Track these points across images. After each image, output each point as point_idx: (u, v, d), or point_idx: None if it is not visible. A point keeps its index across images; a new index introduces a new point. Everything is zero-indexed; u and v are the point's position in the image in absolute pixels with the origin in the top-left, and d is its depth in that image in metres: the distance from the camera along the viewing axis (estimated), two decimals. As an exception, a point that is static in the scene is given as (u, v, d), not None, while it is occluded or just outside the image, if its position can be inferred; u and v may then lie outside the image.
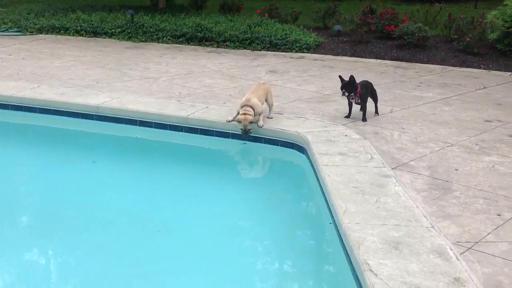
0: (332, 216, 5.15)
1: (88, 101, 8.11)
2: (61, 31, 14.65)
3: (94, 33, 14.52)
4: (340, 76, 7.69)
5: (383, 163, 6.12)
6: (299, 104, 8.47)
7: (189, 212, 6.04)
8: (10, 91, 8.46)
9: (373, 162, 6.14)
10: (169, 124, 7.71)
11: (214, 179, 6.87)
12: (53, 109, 8.17)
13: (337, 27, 13.60)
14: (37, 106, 8.23)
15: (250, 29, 13.97)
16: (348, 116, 7.83)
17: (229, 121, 7.38)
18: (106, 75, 9.94)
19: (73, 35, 14.43)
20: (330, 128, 7.29)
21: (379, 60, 12.73)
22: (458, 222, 4.88)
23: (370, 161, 6.17)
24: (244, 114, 7.09)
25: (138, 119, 7.84)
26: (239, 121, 7.12)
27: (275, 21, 15.14)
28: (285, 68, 11.39)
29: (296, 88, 9.56)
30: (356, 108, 7.81)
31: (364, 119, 7.72)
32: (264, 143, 7.35)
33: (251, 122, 7.11)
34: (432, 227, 4.72)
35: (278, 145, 7.28)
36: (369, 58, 13.00)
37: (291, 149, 7.15)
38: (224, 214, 5.94)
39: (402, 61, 12.73)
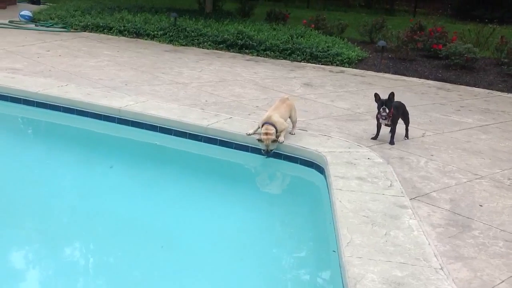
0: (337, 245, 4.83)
1: (111, 104, 7.99)
2: (105, 30, 14.70)
3: (137, 34, 14.51)
4: (376, 94, 7.31)
5: (402, 192, 5.75)
6: (326, 121, 8.14)
7: (194, 226, 5.83)
8: (37, 88, 8.42)
9: (391, 190, 5.77)
10: (189, 133, 7.51)
11: (227, 194, 6.62)
12: (76, 109, 8.08)
13: (381, 43, 13.19)
14: (62, 105, 8.15)
15: (291, 39, 13.70)
16: (375, 138, 7.46)
17: (249, 134, 7.13)
18: (137, 77, 9.83)
19: (116, 35, 14.46)
20: (353, 149, 6.94)
21: (422, 80, 12.26)
22: (471, 265, 4.48)
23: (388, 189, 5.81)
24: (266, 133, 6.82)
25: (159, 125, 7.66)
26: (261, 141, 6.85)
27: (319, 33, 14.83)
28: (321, 81, 11.07)
29: (328, 104, 9.22)
30: (385, 130, 7.43)
31: (391, 142, 7.34)
32: (283, 159, 7.06)
33: (273, 141, 6.83)
34: (441, 268, 4.34)
35: (297, 163, 6.98)
36: (412, 76, 12.54)
37: (311, 168, 6.83)
38: (230, 232, 5.71)
39: (446, 82, 12.23)
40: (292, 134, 7.32)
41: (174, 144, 7.65)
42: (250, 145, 7.18)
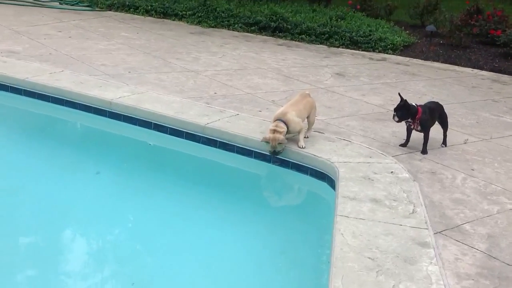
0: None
1: (103, 95, 7.00)
2: (131, 10, 13.74)
3: (164, 14, 13.49)
4: (399, 94, 6.07)
5: (425, 223, 4.53)
6: (350, 121, 6.92)
7: (181, 240, 4.99)
8: (25, 74, 7.51)
9: (413, 219, 4.56)
10: (186, 132, 6.45)
11: (222, 206, 5.59)
12: (66, 100, 7.14)
13: (430, 27, 11.76)
14: (50, 95, 7.22)
15: (330, 21, 12.40)
16: (404, 145, 6.21)
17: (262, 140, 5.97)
18: (145, 63, 8.81)
19: (142, 15, 13.48)
20: (375, 159, 5.73)
21: (475, 70, 10.79)
22: None
23: (408, 217, 4.60)
24: (274, 131, 5.69)
25: (153, 121, 6.63)
26: (267, 141, 5.73)
27: (364, 15, 13.44)
28: (356, 71, 9.78)
29: (357, 99, 7.98)
30: (418, 135, 6.16)
31: (424, 151, 6.07)
32: (291, 168, 5.92)
33: (279, 143, 5.70)
34: None
35: (307, 174, 5.82)
36: (464, 66, 11.08)
37: (322, 182, 5.68)
38: (219, 249, 4.83)
39: (503, 73, 10.72)
40: (306, 137, 6.16)
41: (170, 145, 6.63)
42: (253, 149, 6.08)
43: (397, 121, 6.02)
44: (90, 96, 6.97)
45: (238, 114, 6.72)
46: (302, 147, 5.85)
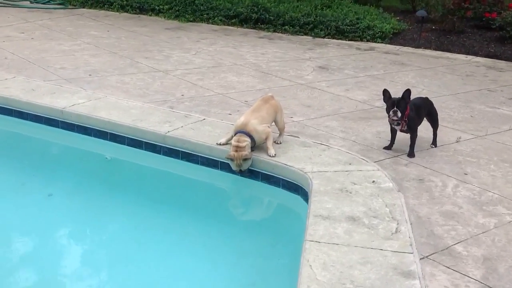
0: None
1: (54, 103, 6.31)
2: (105, 6, 13.02)
3: (140, 9, 12.77)
4: (385, 91, 5.36)
5: (410, 245, 3.85)
6: (331, 121, 6.23)
7: (133, 266, 4.35)
8: (-28, 83, 6.82)
9: (395, 241, 3.88)
10: (145, 142, 5.77)
11: (184, 227, 4.91)
12: (13, 110, 6.44)
13: (421, 12, 10.99)
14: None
15: (315, 10, 11.67)
16: (389, 147, 5.52)
17: (220, 144, 5.33)
18: (110, 64, 8.11)
19: (117, 11, 12.77)
20: (354, 166, 5.04)
21: (469, 57, 10.08)
22: None
23: (391, 238, 3.91)
24: (236, 148, 5.01)
25: (109, 131, 5.94)
26: (231, 159, 5.05)
27: (351, 2, 12.70)
28: (341, 63, 9.08)
29: (340, 95, 7.28)
30: (405, 136, 5.47)
31: (411, 154, 5.38)
32: (261, 180, 5.23)
33: (246, 159, 5.02)
34: None
35: (279, 186, 5.13)
36: (458, 53, 10.38)
37: (295, 195, 5.00)
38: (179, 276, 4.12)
39: (499, 59, 10.02)
40: (278, 143, 5.47)
41: (128, 157, 5.94)
42: (219, 160, 5.39)
43: (396, 120, 5.25)
44: (39, 105, 6.28)
45: (204, 119, 6.03)
46: (272, 156, 5.18)
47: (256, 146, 5.22)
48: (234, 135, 5.20)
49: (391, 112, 5.18)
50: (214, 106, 6.54)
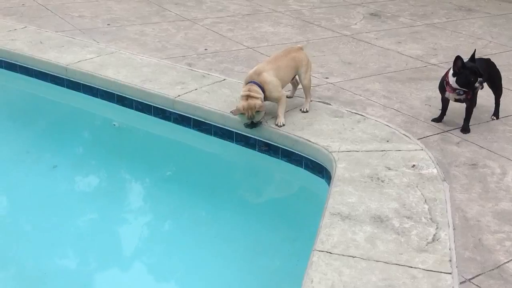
0: None
1: (60, 58, 5.62)
2: None
3: None
4: (458, 58, 4.26)
5: (449, 261, 2.97)
6: (372, 83, 5.29)
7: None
8: (-23, 34, 6.21)
9: (431, 255, 3.01)
10: (154, 107, 5.01)
11: (184, 208, 4.21)
12: (18, 65, 5.80)
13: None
14: (3, 59, 5.90)
15: None
16: (439, 119, 4.56)
17: (234, 114, 4.50)
18: (134, 12, 7.33)
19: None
20: (392, 144, 4.14)
21: (550, 1, 8.71)
22: None
23: (425, 250, 3.05)
24: (247, 97, 4.18)
25: (116, 93, 5.22)
26: (241, 113, 4.23)
27: None
28: (397, 9, 7.97)
29: (390, 49, 6.27)
30: (460, 106, 4.49)
31: (465, 128, 4.41)
32: (281, 157, 4.40)
33: (257, 112, 4.19)
34: None
35: (301, 166, 4.30)
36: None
37: (320, 178, 4.15)
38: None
39: None
40: (303, 111, 4.60)
41: (136, 123, 5.22)
42: (234, 130, 4.59)
43: (481, 86, 4.29)
44: (43, 60, 5.61)
45: (223, 80, 5.21)
46: (280, 126, 4.33)
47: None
48: (245, 85, 4.37)
49: (477, 83, 4.17)
50: (239, 63, 5.69)
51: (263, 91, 4.28)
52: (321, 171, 4.14)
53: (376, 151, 4.07)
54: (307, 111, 4.61)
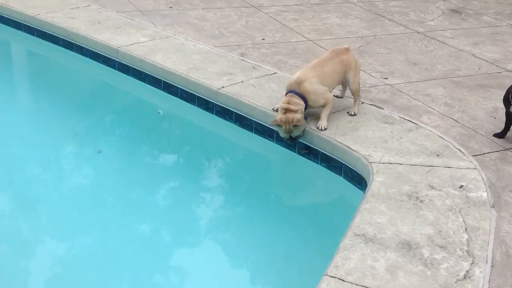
0: None
1: (113, 40, 5.52)
2: None
3: None
4: None
5: (479, 306, 2.58)
6: (435, 87, 4.85)
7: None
8: (41, 10, 6.21)
9: (458, 296, 2.64)
10: (198, 97, 4.81)
11: (212, 207, 4.02)
12: (75, 44, 5.76)
13: None
14: (60, 37, 5.87)
15: None
16: (501, 135, 4.09)
17: (276, 110, 4.23)
18: (202, -6, 7.13)
19: None
20: (443, 159, 3.73)
21: None
22: None
23: (452, 289, 2.67)
24: (285, 110, 3.89)
25: (163, 79, 5.06)
26: (278, 124, 3.95)
27: None
28: (482, 6, 7.38)
29: (464, 51, 5.77)
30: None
31: (530, 147, 3.92)
32: (321, 162, 4.09)
33: (296, 126, 3.90)
34: None
35: (340, 174, 3.97)
36: None
37: (359, 189, 3.81)
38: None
39: None
40: (351, 114, 4.26)
41: (181, 111, 5.05)
42: (274, 128, 4.30)
43: None
44: (96, 41, 5.52)
45: (274, 74, 4.93)
46: (322, 129, 4.01)
47: (307, 112, 4.06)
48: (285, 94, 4.07)
49: None
50: (296, 56, 5.38)
51: (305, 101, 3.97)
52: (360, 182, 3.80)
53: (422, 165, 3.67)
54: (355, 115, 4.26)
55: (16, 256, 3.46)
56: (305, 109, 4.00)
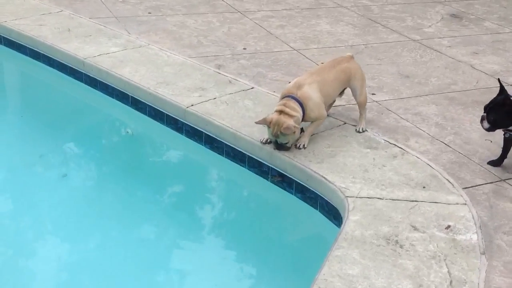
0: None
1: (81, 50, 5.11)
2: None
3: None
4: (498, 81, 3.48)
5: None
6: (427, 105, 4.42)
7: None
8: (9, 16, 5.81)
9: None
10: (166, 115, 4.40)
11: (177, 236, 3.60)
12: (42, 54, 5.36)
13: None
14: (27, 46, 5.47)
15: None
16: (497, 163, 3.65)
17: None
18: (182, 0, 6.70)
19: None
20: (428, 192, 3.30)
21: None
22: None
23: None
24: (280, 112, 3.47)
25: (130, 94, 4.65)
26: (267, 125, 3.53)
27: None
28: (484, 10, 6.92)
29: (462, 61, 5.32)
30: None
31: (528, 178, 3.48)
32: (295, 193, 3.67)
33: (285, 133, 3.47)
34: None
35: (315, 207, 3.55)
36: None
37: (336, 225, 3.38)
38: None
39: None
40: (359, 131, 3.84)
41: (149, 130, 4.64)
42: (246, 153, 3.89)
43: (487, 129, 3.47)
44: (62, 51, 5.12)
45: (251, 89, 4.51)
46: (300, 148, 3.61)
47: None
48: (280, 100, 3.65)
49: (483, 121, 3.33)
50: (277, 68, 4.96)
51: (302, 106, 3.55)
52: (337, 217, 3.37)
53: (405, 200, 3.25)
54: (363, 131, 3.85)
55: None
56: (302, 118, 3.58)
